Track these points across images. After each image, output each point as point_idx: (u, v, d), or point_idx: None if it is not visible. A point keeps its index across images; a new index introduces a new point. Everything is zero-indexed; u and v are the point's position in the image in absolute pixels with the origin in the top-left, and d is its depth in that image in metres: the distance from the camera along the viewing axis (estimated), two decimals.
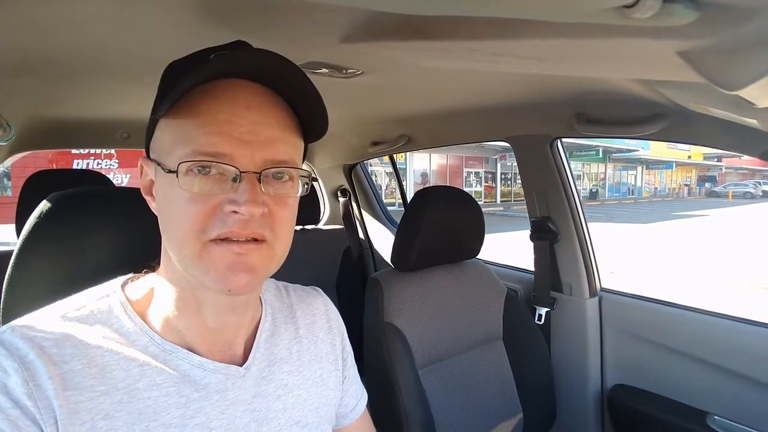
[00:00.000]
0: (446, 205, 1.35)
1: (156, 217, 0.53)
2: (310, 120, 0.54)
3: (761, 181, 33.29)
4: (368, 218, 2.51)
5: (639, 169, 30.75)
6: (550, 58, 0.62)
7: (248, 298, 0.58)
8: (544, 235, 1.57)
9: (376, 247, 2.46)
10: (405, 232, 1.31)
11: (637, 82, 0.90)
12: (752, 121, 0.83)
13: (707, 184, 35.77)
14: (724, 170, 37.43)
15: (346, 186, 2.48)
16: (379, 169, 14.84)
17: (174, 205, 0.48)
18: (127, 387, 0.49)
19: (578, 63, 0.65)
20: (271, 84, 0.50)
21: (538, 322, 1.57)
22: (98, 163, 10.19)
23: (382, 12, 0.63)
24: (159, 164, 0.50)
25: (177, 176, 0.46)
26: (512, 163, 21.49)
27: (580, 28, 0.45)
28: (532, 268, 1.65)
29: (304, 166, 0.55)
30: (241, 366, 0.57)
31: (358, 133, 1.96)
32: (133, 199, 0.56)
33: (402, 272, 1.33)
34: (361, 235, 2.52)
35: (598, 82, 1.01)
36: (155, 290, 0.55)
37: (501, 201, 22.34)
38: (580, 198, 1.56)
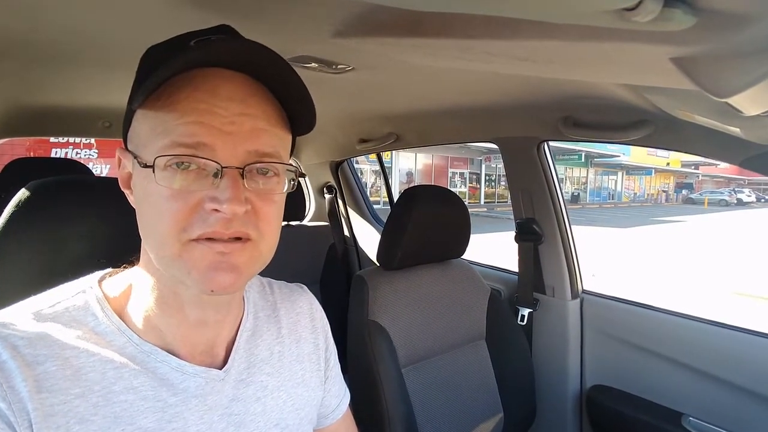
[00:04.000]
0: (433, 205, 1.35)
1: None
2: (296, 113, 0.52)
3: (737, 189, 34.29)
4: (354, 216, 2.49)
5: (619, 174, 31.35)
6: (543, 60, 0.62)
7: (232, 297, 0.56)
8: (528, 236, 1.58)
9: (361, 245, 2.45)
10: (392, 231, 1.31)
11: (625, 88, 0.91)
12: (735, 130, 0.85)
13: (684, 191, 36.74)
14: (700, 178, 38.43)
15: (332, 183, 2.47)
16: (365, 167, 14.82)
17: (152, 202, 0.46)
18: (103, 390, 0.47)
19: (571, 66, 0.66)
20: (255, 74, 0.48)
21: (521, 323, 1.58)
22: (77, 153, 9.92)
23: (377, 7, 0.62)
24: (136, 157, 0.47)
25: (154, 171, 0.44)
26: (497, 164, 21.70)
27: (576, 30, 0.45)
28: (516, 269, 1.66)
29: (291, 162, 0.53)
30: (221, 369, 0.55)
31: (346, 130, 1.95)
32: (114, 189, 0.54)
33: (387, 270, 1.33)
34: (346, 233, 2.51)
35: (587, 86, 1.02)
36: (134, 287, 0.53)
37: (485, 202, 22.53)
38: (565, 201, 1.58)
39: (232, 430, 0.55)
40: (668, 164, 31.10)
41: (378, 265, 1.36)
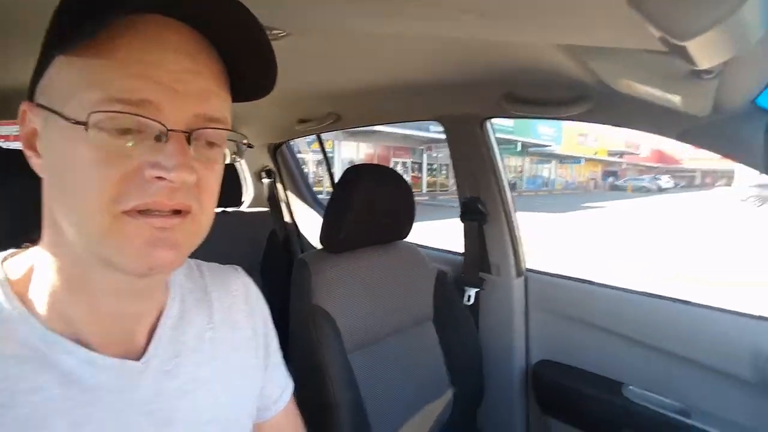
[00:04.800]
0: (377, 184, 1.30)
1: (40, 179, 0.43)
2: (250, 74, 0.46)
3: (656, 176, 37.31)
4: (294, 201, 2.40)
5: (553, 163, 33.01)
6: (490, 13, 0.58)
7: (156, 280, 0.49)
8: (473, 215, 1.57)
9: (302, 231, 2.37)
10: (334, 211, 1.25)
11: (568, 57, 0.90)
12: (675, 99, 0.86)
13: (611, 179, 39.50)
14: (624, 166, 41.37)
15: (271, 167, 2.36)
16: (306, 157, 14.56)
17: (76, 166, 0.39)
18: (7, 389, 0.39)
19: (519, 18, 0.62)
20: (205, 25, 0.41)
21: (467, 303, 1.57)
22: (8, 146, 8.98)
23: None
24: (54, 112, 0.39)
25: (86, 129, 0.37)
26: (437, 154, 22.10)
27: None
28: (461, 251, 1.65)
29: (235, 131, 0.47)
30: (139, 360, 0.48)
31: (284, 109, 1.85)
32: (16, 161, 0.46)
33: (331, 253, 1.26)
34: (287, 219, 2.41)
35: (528, 59, 1.00)
36: (35, 268, 0.45)
37: (427, 191, 22.92)
38: (508, 180, 1.59)
39: (153, 430, 0.47)
40: (596, 153, 33.19)
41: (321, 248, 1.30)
